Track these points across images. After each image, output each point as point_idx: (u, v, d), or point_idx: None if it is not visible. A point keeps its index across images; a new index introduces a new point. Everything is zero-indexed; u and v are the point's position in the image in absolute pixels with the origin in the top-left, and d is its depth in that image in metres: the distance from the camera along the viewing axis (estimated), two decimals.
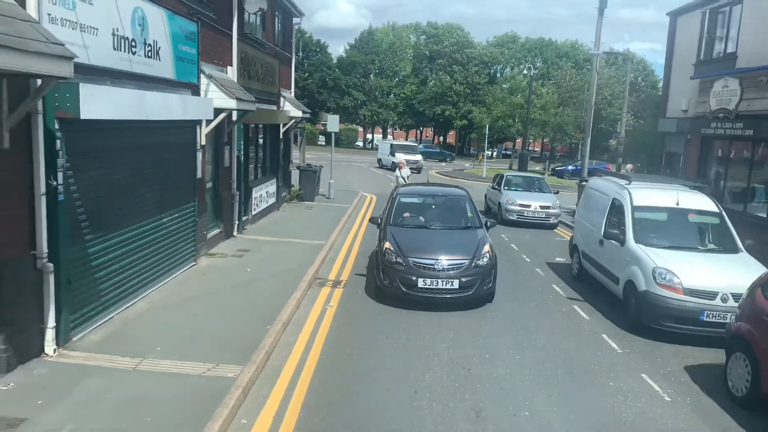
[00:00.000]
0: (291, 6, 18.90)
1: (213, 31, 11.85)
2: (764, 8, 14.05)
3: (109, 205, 7.67)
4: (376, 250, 10.60)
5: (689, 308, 8.22)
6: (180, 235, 10.08)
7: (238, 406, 5.82)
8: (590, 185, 12.32)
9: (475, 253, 9.52)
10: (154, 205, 9.02)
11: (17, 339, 6.04)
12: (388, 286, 9.44)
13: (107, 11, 7.46)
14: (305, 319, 8.63)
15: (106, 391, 5.81)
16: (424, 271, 9.25)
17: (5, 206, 5.81)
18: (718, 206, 10.11)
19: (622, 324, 9.10)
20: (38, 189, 6.22)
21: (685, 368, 7.60)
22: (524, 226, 18.18)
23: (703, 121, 15.90)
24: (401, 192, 11.76)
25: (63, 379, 5.98)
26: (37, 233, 6.25)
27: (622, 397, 6.63)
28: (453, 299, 9.25)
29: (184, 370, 6.37)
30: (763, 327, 6.34)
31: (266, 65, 15.97)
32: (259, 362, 6.74)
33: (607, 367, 7.48)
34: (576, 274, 11.89)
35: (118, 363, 6.46)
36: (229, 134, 13.03)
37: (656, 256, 8.84)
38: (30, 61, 5.00)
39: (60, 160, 6.48)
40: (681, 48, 18.29)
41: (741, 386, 6.55)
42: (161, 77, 9.15)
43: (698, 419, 6.23)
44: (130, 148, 8.24)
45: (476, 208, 11.35)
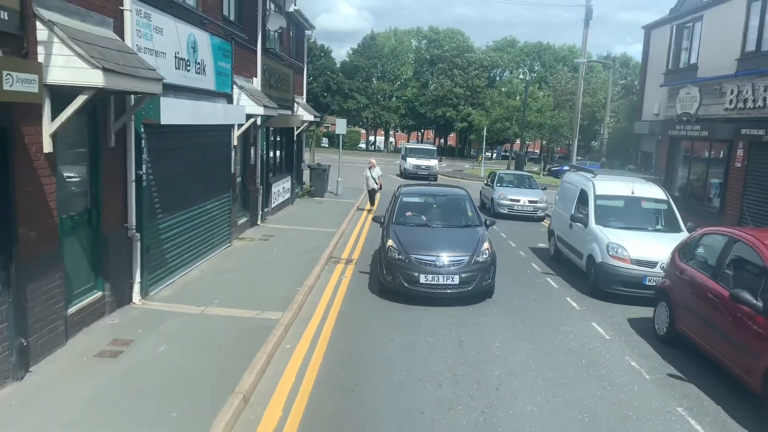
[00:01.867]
0: (303, 20, 20.97)
1: (242, 48, 13.89)
2: (719, 25, 16.08)
3: (173, 192, 9.72)
4: (379, 248, 11.07)
5: (635, 275, 10.23)
6: (219, 220, 12.13)
7: (282, 336, 7.85)
8: (564, 179, 14.34)
9: (475, 250, 9.85)
10: (202, 193, 11.07)
11: (116, 289, 8.09)
12: (391, 282, 9.80)
13: (172, 38, 9.51)
14: (325, 286, 10.66)
15: (183, 325, 7.85)
16: (426, 267, 9.59)
17: (112, 189, 7.87)
18: (666, 195, 12.12)
19: (584, 290, 11.12)
20: (130, 177, 8.26)
21: (627, 320, 9.61)
22: (514, 219, 20.18)
23: (670, 123, 17.94)
24: (403, 192, 12.14)
25: (151, 318, 8.02)
26: (128, 210, 8.30)
27: (572, 336, 8.65)
28: (454, 294, 9.60)
29: (238, 314, 8.40)
30: (678, 282, 8.35)
31: (283, 75, 18.02)
32: (294, 310, 8.78)
33: (564, 318, 9.50)
34: (552, 255, 13.92)
35: (187, 309, 8.50)
36: (255, 136, 15.09)
37: (611, 234, 10.86)
38: (138, 83, 7.03)
39: (144, 156, 8.55)
40: (654, 58, 20.35)
41: (662, 327, 8.56)
42: (206, 89, 11.19)
43: (627, 349, 8.24)
44: (186, 147, 10.30)
45: (476, 207, 11.83)
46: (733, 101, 14.58)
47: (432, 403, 6.26)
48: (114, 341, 7.13)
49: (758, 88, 13.56)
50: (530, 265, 13.30)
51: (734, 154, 14.86)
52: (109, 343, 7.07)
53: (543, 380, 6.97)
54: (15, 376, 5.91)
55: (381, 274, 10.12)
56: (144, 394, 5.83)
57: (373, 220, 11.71)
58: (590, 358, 7.85)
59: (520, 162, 46.41)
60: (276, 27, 15.84)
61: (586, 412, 6.26)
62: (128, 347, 6.99)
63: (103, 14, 7.44)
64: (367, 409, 6.09)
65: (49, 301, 6.46)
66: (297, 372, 6.88)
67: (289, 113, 19.31)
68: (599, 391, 6.82)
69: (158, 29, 8.96)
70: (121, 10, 7.85)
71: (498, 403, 6.33)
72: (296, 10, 18.72)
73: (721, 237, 7.83)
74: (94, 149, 7.58)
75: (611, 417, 6.18)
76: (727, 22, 15.58)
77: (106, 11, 7.52)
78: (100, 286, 7.81)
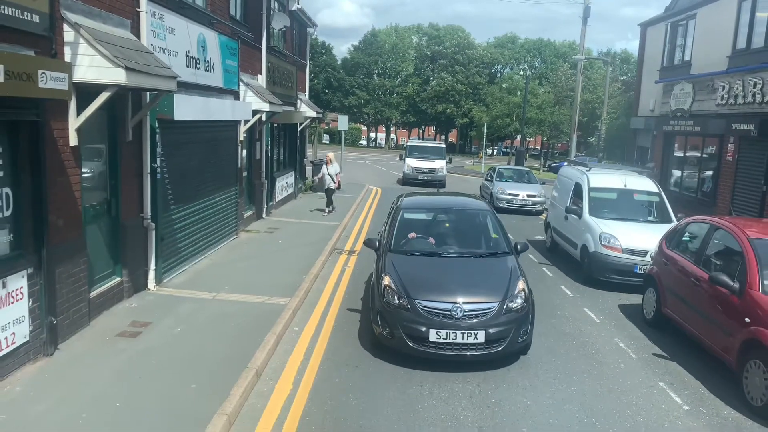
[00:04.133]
0: (306, 19, 21.40)
1: (248, 46, 14.33)
2: (712, 22, 16.51)
3: (184, 184, 10.19)
4: (371, 285, 8.29)
5: (626, 263, 10.70)
6: (227, 212, 12.60)
7: (290, 320, 8.32)
8: (561, 173, 14.79)
9: (507, 293, 7.13)
10: (211, 186, 11.54)
11: (133, 276, 8.57)
12: (388, 338, 7.04)
13: (183, 38, 9.96)
14: (330, 275, 11.13)
15: (197, 309, 8.32)
16: (438, 319, 6.85)
17: (129, 180, 8.34)
18: (658, 187, 12.58)
19: (578, 279, 11.59)
20: (145, 169, 8.73)
21: (618, 306, 10.08)
22: (513, 213, 20.64)
23: (665, 119, 18.38)
24: (405, 205, 9.24)
25: (166, 302, 8.50)
26: (144, 201, 8.77)
27: (565, 320, 9.12)
28: (477, 357, 6.88)
29: (248, 300, 8.87)
30: (664, 268, 8.81)
31: (286, 72, 18.48)
32: (301, 296, 9.26)
33: (558, 305, 9.96)
34: (549, 246, 14.38)
35: (200, 295, 8.98)
36: (260, 132, 15.56)
37: (604, 225, 11.33)
38: (156, 81, 7.49)
39: (158, 149, 9.02)
40: (650, 55, 20.77)
41: (650, 311, 9.03)
42: (215, 86, 11.64)
43: (616, 332, 8.71)
44: (196, 141, 10.77)
45: (502, 226, 8.90)
46: (724, 97, 15.02)
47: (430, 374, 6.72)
48: (133, 323, 7.61)
49: (748, 85, 13.99)
50: (528, 256, 13.71)
51: (725, 149, 15.32)
52: (128, 324, 7.55)
53: (535, 358, 7.43)
54: (45, 352, 6.39)
55: (374, 324, 7.36)
56: (164, 369, 6.31)
57: (364, 244, 8.73)
58: (581, 339, 8.32)
59: (520, 158, 46.87)
60: (280, 25, 16.28)
61: (574, 386, 6.73)
62: (146, 329, 7.47)
63: (121, 16, 7.91)
64: (371, 382, 6.57)
65: (74, 284, 6.94)
66: (305, 351, 7.36)
67: (293, 110, 19.75)
68: (588, 368, 7.29)
69: (171, 29, 9.41)
70: (138, 12, 8.31)
71: (491, 376, 6.79)
72: (299, 9, 19.15)
73: (704, 225, 8.30)
74: (112, 143, 8.05)
75: (597, 390, 6.65)
76: (718, 20, 16.01)
77: (124, 13, 7.98)
78: (119, 272, 8.29)
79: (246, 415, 5.66)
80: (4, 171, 5.82)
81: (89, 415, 5.26)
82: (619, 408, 6.24)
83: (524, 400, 6.30)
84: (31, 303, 6.16)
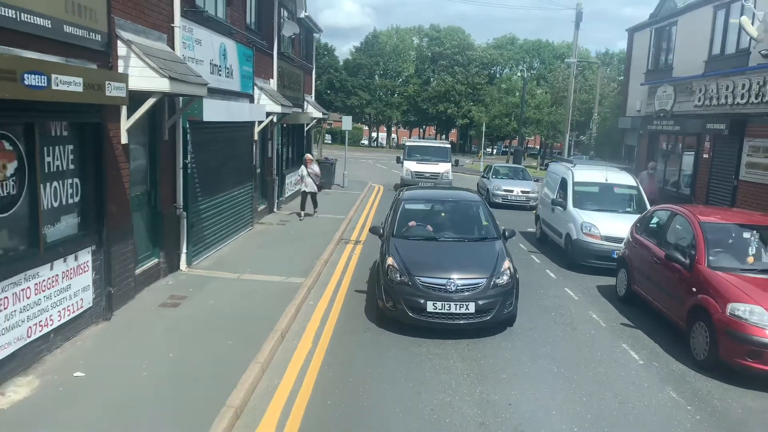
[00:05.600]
0: (312, 25, 22.64)
1: (261, 53, 15.56)
2: (691, 29, 17.72)
3: (209, 178, 11.42)
4: (376, 265, 9.55)
5: (604, 249, 11.90)
6: (244, 205, 13.82)
7: (305, 296, 9.54)
8: (549, 169, 16.01)
9: (494, 271, 8.24)
10: (231, 181, 12.77)
11: (168, 258, 9.80)
12: (391, 310, 8.17)
13: (208, 48, 11.18)
14: (338, 261, 12.35)
15: (225, 287, 9.55)
16: (435, 292, 7.95)
17: (166, 175, 9.57)
18: (636, 181, 13.79)
19: (562, 264, 12.80)
20: (178, 164, 9.97)
21: (596, 286, 11.28)
22: (508, 208, 21.83)
23: (650, 119, 19.59)
24: (405, 197, 10.49)
25: (197, 281, 9.73)
26: (177, 192, 10.01)
27: (547, 297, 10.33)
28: (468, 325, 8.01)
29: (268, 279, 10.10)
30: (633, 251, 10.03)
31: (295, 75, 19.68)
32: (314, 277, 10.49)
33: (543, 285, 11.18)
34: (539, 237, 15.60)
35: (226, 275, 10.21)
36: (272, 132, 16.79)
37: (585, 215, 12.54)
38: (191, 88, 8.72)
39: (189, 147, 10.25)
40: (636, 59, 21.99)
41: (622, 289, 10.24)
42: (233, 90, 12.85)
43: (591, 306, 9.92)
44: (219, 141, 12.00)
45: (492, 215, 10.20)
46: (701, 99, 16.20)
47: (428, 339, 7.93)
48: (172, 296, 8.84)
49: (721, 88, 15.18)
50: (518, 245, 14.95)
51: (702, 147, 16.53)
52: (168, 297, 8.78)
53: (517, 326, 8.64)
54: (104, 317, 7.62)
55: (379, 298, 8.49)
56: (204, 331, 7.53)
57: (370, 230, 10.14)
58: (559, 311, 9.54)
59: (518, 157, 48.09)
60: (290, 33, 17.51)
61: (549, 346, 7.95)
62: (184, 301, 8.70)
63: (159, 31, 9.13)
64: (377, 343, 7.79)
65: (124, 262, 8.17)
66: (320, 319, 8.58)
67: (300, 111, 20.95)
68: (562, 333, 8.52)
69: (198, 41, 10.64)
70: (172, 27, 9.52)
71: (479, 340, 8.01)
72: (306, 16, 20.37)
73: (666, 212, 9.53)
74: (152, 142, 9.29)
75: (568, 349, 7.87)
76: (697, 28, 17.21)
77: (161, 28, 9.21)
78: (157, 254, 9.53)
79: (275, 365, 6.89)
80: (74, 165, 7.04)
81: (150, 363, 6.48)
82: (585, 362, 7.46)
83: (505, 355, 7.53)
84: (94, 275, 7.38)
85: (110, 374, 6.15)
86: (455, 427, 5.69)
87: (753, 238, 8.18)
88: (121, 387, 5.87)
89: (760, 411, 6.40)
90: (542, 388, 6.64)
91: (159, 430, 5.12)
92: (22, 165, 6.06)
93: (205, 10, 11.05)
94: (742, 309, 6.95)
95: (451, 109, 71.79)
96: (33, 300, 6.18)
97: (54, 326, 6.58)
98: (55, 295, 6.57)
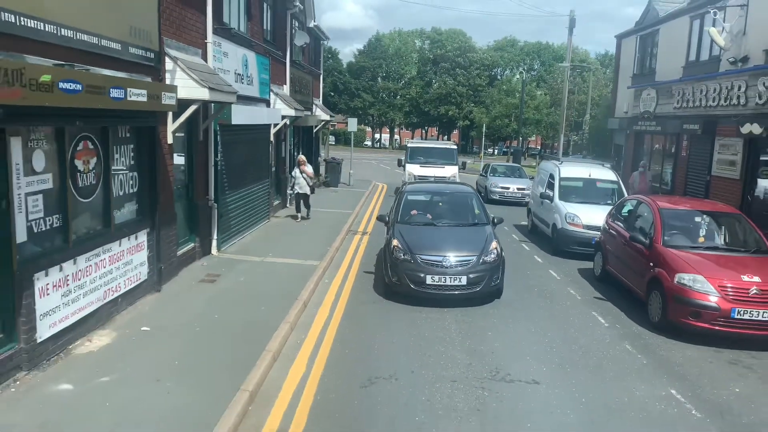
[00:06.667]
0: (320, 33, 24.15)
1: (276, 61, 17.04)
2: (671, 37, 19.17)
3: (235, 175, 12.90)
4: (384, 247, 10.99)
5: (585, 236, 13.33)
6: (262, 200, 15.31)
7: (321, 275, 11.00)
8: (540, 166, 17.47)
9: (483, 250, 9.63)
10: (251, 178, 14.26)
11: (202, 243, 11.29)
12: (396, 284, 9.57)
13: (233, 59, 12.66)
14: (348, 248, 13.81)
15: (251, 268, 11.03)
16: (433, 268, 9.32)
17: (200, 171, 11.06)
18: (617, 177, 15.25)
19: (549, 251, 14.25)
20: (210, 162, 11.46)
21: (577, 269, 12.72)
22: (505, 204, 23.26)
23: (635, 120, 21.03)
24: (408, 189, 11.98)
25: (227, 263, 11.21)
26: (209, 186, 11.50)
27: (533, 277, 11.78)
28: (461, 295, 9.38)
29: (289, 262, 11.57)
30: (607, 235, 11.48)
31: (305, 81, 21.19)
32: (328, 260, 11.96)
33: (530, 268, 12.63)
34: (530, 229, 17.05)
35: (251, 258, 11.69)
36: (284, 134, 18.28)
37: (569, 207, 13.99)
38: (224, 96, 10.20)
39: (219, 147, 11.74)
40: (624, 63, 23.45)
41: (598, 269, 11.69)
42: (253, 96, 14.33)
43: (570, 284, 11.38)
44: (241, 142, 13.48)
45: (483, 205, 11.73)
46: (679, 101, 17.62)
47: (427, 307, 9.40)
48: (208, 275, 10.33)
49: (696, 91, 16.60)
50: (511, 235, 16.43)
51: (681, 146, 17.97)
52: (204, 275, 10.26)
53: (503, 299, 10.08)
54: (156, 288, 9.10)
55: (386, 275, 9.95)
56: (239, 300, 9.01)
57: (377, 219, 11.70)
58: (542, 288, 11.00)
59: (517, 157, 49.59)
60: (301, 42, 19.01)
61: (529, 313, 9.42)
62: (219, 278, 10.18)
63: (195, 47, 10.63)
64: (385, 310, 9.27)
65: (170, 244, 9.66)
66: (335, 293, 10.06)
67: (309, 113, 22.47)
68: (542, 304, 9.99)
69: (225, 53, 12.12)
70: (205, 43, 11.02)
71: (470, 309, 9.47)
72: (315, 26, 21.88)
73: (634, 201, 10.99)
74: (189, 142, 10.78)
75: (545, 315, 9.34)
76: (676, 36, 18.65)
77: (197, 44, 10.70)
78: (193, 240, 11.02)
79: (300, 325, 8.36)
80: (134, 161, 8.53)
81: (200, 322, 7.96)
82: (558, 324, 8.93)
83: (491, 320, 9.00)
84: (148, 253, 8.86)
85: (170, 329, 7.63)
86: (448, 366, 7.16)
87: (703, 221, 9.65)
88: (181, 338, 7.36)
89: (695, 358, 7.86)
90: (520, 343, 8.11)
91: (217, 367, 6.58)
92: (99, 161, 7.55)
93: (231, 27, 12.54)
94: (687, 278, 8.40)
95: (453, 110, 73.25)
96: (107, 269, 7.67)
97: (121, 292, 8.06)
98: (122, 267, 8.06)
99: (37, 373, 6.15)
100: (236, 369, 6.47)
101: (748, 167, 14.32)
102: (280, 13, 17.51)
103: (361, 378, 6.75)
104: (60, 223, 6.74)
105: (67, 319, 6.76)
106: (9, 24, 5.66)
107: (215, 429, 5.22)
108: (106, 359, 6.61)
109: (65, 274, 6.71)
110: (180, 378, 6.23)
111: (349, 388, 6.50)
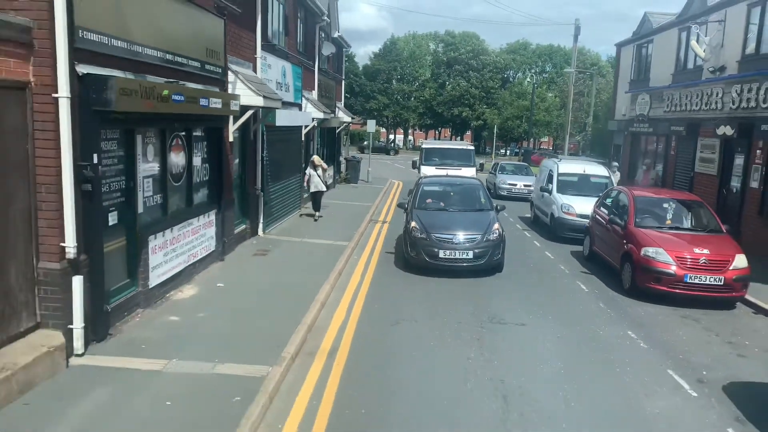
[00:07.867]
0: (343, 41, 26.28)
1: (306, 70, 19.19)
2: (663, 47, 21.07)
3: (276, 169, 15.05)
4: (404, 229, 12.77)
5: (579, 224, 15.30)
6: (295, 192, 17.47)
7: (351, 252, 13.10)
8: (542, 163, 19.46)
9: (487, 230, 11.62)
10: (287, 172, 16.41)
11: (252, 225, 13.45)
12: (414, 258, 11.61)
13: (275, 70, 14.81)
14: (371, 233, 15.92)
15: (293, 246, 13.16)
16: (445, 243, 11.37)
17: (251, 165, 13.23)
18: (609, 173, 17.21)
19: (547, 237, 16.25)
20: (258, 157, 13.61)
21: (570, 252, 14.71)
22: (512, 199, 25.17)
23: (631, 122, 22.93)
24: (424, 182, 14.17)
25: (273, 241, 13.36)
26: (257, 178, 13.65)
27: (531, 258, 13.80)
28: (468, 267, 11.39)
29: (323, 242, 13.69)
30: (594, 221, 13.48)
31: (330, 86, 23.33)
32: (355, 241, 14.08)
33: (529, 251, 14.65)
34: (532, 220, 19.05)
35: (291, 239, 13.84)
36: (312, 134, 20.43)
37: (565, 198, 15.99)
38: (273, 102, 12.33)
39: (264, 145, 13.90)
40: (623, 69, 25.36)
41: (586, 250, 13.69)
42: (290, 101, 16.46)
43: (562, 262, 13.38)
44: (281, 141, 15.63)
45: (489, 195, 13.82)
46: (668, 105, 19.52)
47: (440, 277, 11.45)
48: (259, 250, 12.47)
49: (682, 97, 18.49)
50: (515, 225, 18.44)
51: (670, 146, 19.87)
52: (257, 250, 12.41)
53: (504, 273, 12.11)
54: (220, 258, 11.25)
55: (405, 251, 12.05)
56: (288, 268, 11.13)
57: (397, 206, 13.88)
58: (537, 266, 13.03)
59: (527, 157, 51.57)
60: (328, 52, 21.16)
61: (524, 282, 11.47)
62: (268, 253, 12.33)
63: (248, 61, 12.78)
64: (405, 280, 11.35)
65: (230, 224, 11.81)
66: (363, 266, 12.16)
67: (333, 116, 24.61)
68: (536, 276, 12.02)
69: (269, 65, 14.27)
70: (255, 57, 13.17)
71: (476, 279, 11.52)
72: (339, 36, 24.01)
73: (615, 191, 12.99)
74: (243, 141, 12.93)
75: (536, 283, 11.40)
76: (667, 46, 20.55)
77: (249, 59, 12.86)
78: (245, 222, 13.18)
79: (338, 287, 10.46)
80: (206, 155, 10.68)
81: (261, 282, 10.09)
82: (545, 290, 10.97)
83: (492, 288, 11.05)
84: (216, 229, 11.02)
85: (240, 286, 9.78)
86: (456, 314, 9.24)
87: (670, 207, 11.64)
88: (251, 290, 9.52)
89: (653, 313, 9.87)
90: (512, 301, 10.17)
91: (281, 310, 8.68)
92: (185, 154, 9.71)
93: (274, 42, 14.70)
94: (651, 251, 10.40)
95: (466, 111, 75.06)
96: (190, 239, 9.83)
97: (198, 258, 10.22)
98: (199, 238, 10.22)
99: (151, 310, 8.31)
100: (295, 312, 8.58)
101: (724, 164, 16.22)
102: (310, 27, 19.66)
103: (390, 320, 8.85)
104: (161, 201, 8.91)
105: (167, 273, 8.92)
106: (137, 53, 7.81)
107: (288, 342, 7.34)
108: (197, 303, 8.77)
109: (166, 239, 8.88)
110: (255, 316, 8.36)
111: (381, 326, 8.60)
